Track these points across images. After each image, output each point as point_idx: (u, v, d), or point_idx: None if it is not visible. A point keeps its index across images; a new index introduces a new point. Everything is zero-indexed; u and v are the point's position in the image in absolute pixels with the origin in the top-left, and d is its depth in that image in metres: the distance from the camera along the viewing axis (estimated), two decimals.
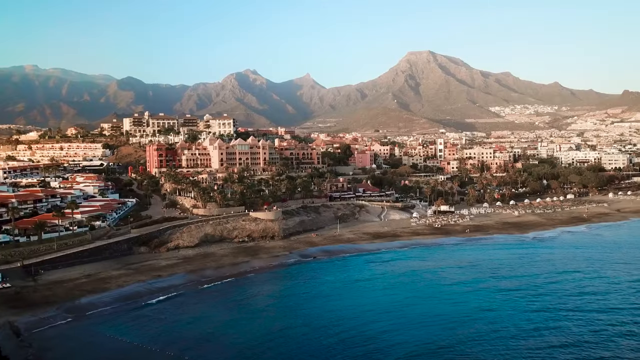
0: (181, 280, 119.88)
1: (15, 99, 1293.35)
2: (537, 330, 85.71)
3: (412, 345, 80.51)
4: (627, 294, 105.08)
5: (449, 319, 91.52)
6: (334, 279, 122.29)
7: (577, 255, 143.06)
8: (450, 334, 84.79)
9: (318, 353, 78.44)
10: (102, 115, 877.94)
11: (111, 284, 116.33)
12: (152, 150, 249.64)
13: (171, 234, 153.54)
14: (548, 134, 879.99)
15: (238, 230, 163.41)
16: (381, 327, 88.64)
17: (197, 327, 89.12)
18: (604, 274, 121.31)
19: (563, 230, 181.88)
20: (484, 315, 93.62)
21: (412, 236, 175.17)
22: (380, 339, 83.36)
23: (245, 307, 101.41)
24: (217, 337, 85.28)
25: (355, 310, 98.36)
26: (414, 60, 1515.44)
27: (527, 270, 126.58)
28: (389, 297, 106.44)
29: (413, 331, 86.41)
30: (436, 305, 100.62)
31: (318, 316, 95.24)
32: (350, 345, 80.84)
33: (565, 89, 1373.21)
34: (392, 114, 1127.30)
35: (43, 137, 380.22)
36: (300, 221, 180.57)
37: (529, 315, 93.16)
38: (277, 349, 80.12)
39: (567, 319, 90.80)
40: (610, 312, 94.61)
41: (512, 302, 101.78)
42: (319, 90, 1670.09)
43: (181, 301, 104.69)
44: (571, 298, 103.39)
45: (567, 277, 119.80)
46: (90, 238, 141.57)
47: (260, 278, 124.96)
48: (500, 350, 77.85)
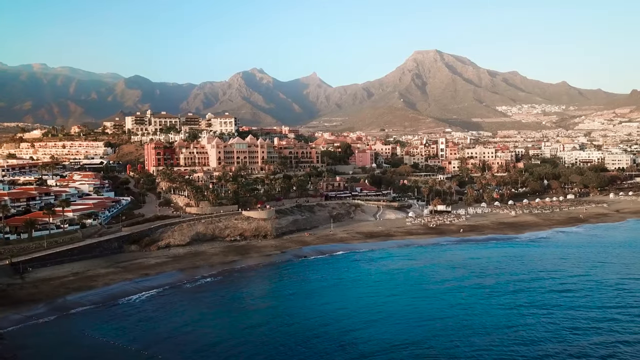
0: (168, 279, 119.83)
1: (23, 97, 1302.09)
2: (508, 327, 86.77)
3: (381, 341, 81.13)
4: (609, 294, 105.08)
5: (423, 317, 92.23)
6: (320, 278, 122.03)
7: (568, 255, 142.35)
8: (422, 330, 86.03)
9: (291, 350, 78.44)
10: (110, 113, 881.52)
11: (98, 282, 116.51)
12: (150, 149, 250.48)
13: (162, 232, 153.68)
14: (555, 133, 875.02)
15: (230, 229, 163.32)
16: (354, 324, 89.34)
17: (176, 326, 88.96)
18: (590, 274, 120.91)
19: (558, 231, 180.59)
20: (458, 313, 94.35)
21: (406, 236, 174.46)
22: (352, 336, 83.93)
23: (227, 307, 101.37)
24: (194, 336, 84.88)
25: (334, 308, 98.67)
26: (421, 59, 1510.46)
27: (514, 270, 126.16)
28: (370, 296, 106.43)
29: (386, 328, 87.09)
30: (415, 303, 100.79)
31: (296, 315, 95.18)
32: (322, 341, 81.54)
33: (573, 89, 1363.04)
34: (398, 113, 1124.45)
35: (46, 135, 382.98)
36: (294, 220, 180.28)
37: (502, 312, 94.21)
38: (251, 347, 79.95)
39: (538, 316, 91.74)
40: (585, 309, 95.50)
41: (490, 299, 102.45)
42: (325, 89, 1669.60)
43: (165, 300, 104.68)
44: (549, 296, 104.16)
45: (552, 276, 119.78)
46: (80, 236, 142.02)
47: (247, 277, 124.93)
48: (466, 345, 79.04)
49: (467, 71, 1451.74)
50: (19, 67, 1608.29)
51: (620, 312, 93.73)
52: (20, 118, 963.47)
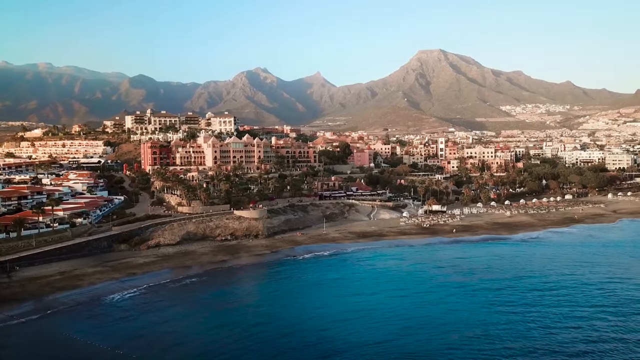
0: (154, 279, 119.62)
1: (28, 96, 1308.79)
2: (483, 325, 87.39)
3: (351, 339, 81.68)
4: (590, 294, 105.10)
5: (400, 315, 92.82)
6: (305, 278, 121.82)
7: (557, 255, 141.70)
8: (395, 328, 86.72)
9: (265, 349, 78.85)
10: (114, 112, 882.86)
11: (84, 281, 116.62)
12: (146, 148, 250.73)
13: (153, 231, 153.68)
14: (559, 133, 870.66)
15: (221, 228, 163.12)
16: (328, 323, 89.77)
17: (152, 325, 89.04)
18: (576, 274, 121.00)
19: (552, 231, 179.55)
20: (435, 311, 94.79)
21: (398, 236, 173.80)
22: (323, 334, 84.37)
23: (207, 306, 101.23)
24: (168, 335, 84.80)
25: (312, 307, 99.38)
26: (425, 59, 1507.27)
27: (500, 270, 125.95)
28: (351, 295, 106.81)
29: (359, 327, 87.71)
30: (394, 302, 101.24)
31: (274, 314, 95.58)
32: (291, 340, 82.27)
33: (577, 88, 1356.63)
34: (402, 112, 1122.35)
35: (46, 134, 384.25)
36: (286, 220, 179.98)
37: (480, 311, 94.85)
38: (222, 345, 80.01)
39: (515, 315, 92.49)
40: (564, 309, 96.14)
41: (470, 298, 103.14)
42: (329, 88, 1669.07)
43: (146, 299, 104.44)
44: (529, 295, 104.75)
45: (536, 276, 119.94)
46: (70, 235, 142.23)
47: (232, 277, 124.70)
48: (439, 343, 79.78)
49: (471, 71, 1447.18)
50: (24, 67, 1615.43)
51: (597, 312, 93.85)
52: (25, 117, 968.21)
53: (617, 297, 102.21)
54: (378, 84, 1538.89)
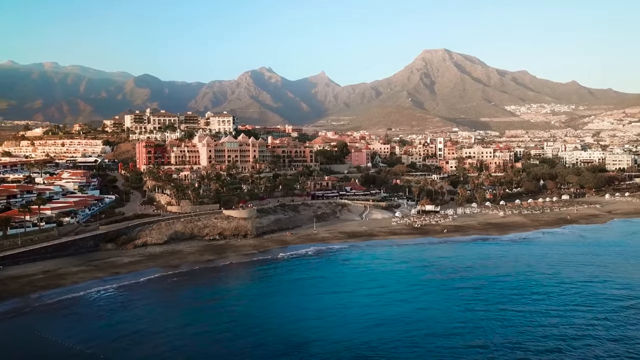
0: (137, 278, 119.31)
1: (34, 95, 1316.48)
2: (450, 322, 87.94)
3: (323, 339, 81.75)
4: (571, 294, 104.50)
5: (374, 315, 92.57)
6: (288, 277, 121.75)
7: (545, 255, 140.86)
8: (367, 327, 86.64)
9: (232, 347, 79.01)
10: (119, 112, 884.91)
11: (66, 281, 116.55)
12: (141, 147, 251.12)
13: (140, 230, 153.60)
14: (563, 133, 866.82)
15: (209, 228, 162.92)
16: (299, 322, 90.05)
17: (127, 325, 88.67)
18: (559, 273, 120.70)
19: (543, 232, 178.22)
20: (410, 311, 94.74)
21: (388, 236, 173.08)
22: (295, 334, 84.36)
23: (185, 305, 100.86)
24: (142, 334, 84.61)
25: (290, 307, 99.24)
26: (430, 59, 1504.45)
27: (484, 269, 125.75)
28: (329, 294, 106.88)
29: (331, 325, 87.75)
30: (371, 301, 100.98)
31: (249, 313, 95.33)
32: (260, 339, 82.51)
33: (583, 88, 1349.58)
34: (405, 112, 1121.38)
35: (47, 133, 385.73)
36: (276, 220, 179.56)
37: (456, 311, 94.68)
38: (194, 346, 79.72)
39: (486, 312, 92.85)
40: (537, 306, 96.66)
41: (447, 297, 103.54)
42: (333, 88, 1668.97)
43: (126, 299, 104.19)
44: (506, 294, 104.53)
45: (520, 276, 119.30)
46: (56, 234, 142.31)
47: (215, 276, 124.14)
48: (406, 342, 79.87)
49: (476, 70, 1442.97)
50: (30, 66, 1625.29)
51: (570, 311, 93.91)
52: (30, 116, 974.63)
53: (595, 297, 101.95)
54: (382, 84, 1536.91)
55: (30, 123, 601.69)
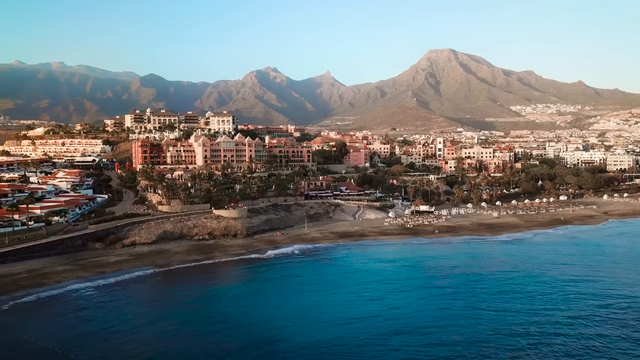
0: (121, 278, 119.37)
1: (40, 95, 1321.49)
2: (429, 325, 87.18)
3: (296, 340, 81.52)
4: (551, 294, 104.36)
5: (349, 316, 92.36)
6: (270, 277, 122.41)
7: (533, 256, 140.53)
8: (341, 328, 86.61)
9: (204, 348, 79.03)
10: (124, 112, 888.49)
11: (50, 280, 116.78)
12: (137, 147, 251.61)
13: (129, 230, 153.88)
14: (568, 133, 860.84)
15: (199, 227, 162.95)
16: (277, 322, 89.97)
17: (103, 324, 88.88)
18: (545, 274, 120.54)
19: (536, 233, 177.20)
20: (386, 312, 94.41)
21: (379, 236, 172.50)
22: (268, 334, 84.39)
23: (164, 305, 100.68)
24: (116, 334, 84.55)
25: (267, 306, 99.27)
26: (435, 59, 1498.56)
27: (469, 270, 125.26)
28: (309, 294, 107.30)
29: (303, 326, 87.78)
30: (347, 302, 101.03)
31: (225, 313, 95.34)
32: (232, 339, 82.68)
33: (589, 88, 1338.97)
34: (410, 112, 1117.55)
35: (48, 133, 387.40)
36: (267, 219, 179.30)
37: (433, 312, 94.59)
38: (166, 346, 79.70)
39: (464, 315, 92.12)
40: (520, 308, 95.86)
41: (425, 297, 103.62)
42: (338, 88, 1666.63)
43: (106, 298, 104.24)
44: (486, 295, 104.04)
45: (503, 276, 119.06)
46: (44, 233, 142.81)
47: (198, 276, 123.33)
48: (376, 344, 79.64)
49: (482, 70, 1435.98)
50: (37, 66, 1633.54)
51: (548, 313, 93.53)
52: (37, 116, 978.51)
53: (574, 297, 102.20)
54: (388, 84, 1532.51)
55: (36, 122, 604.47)
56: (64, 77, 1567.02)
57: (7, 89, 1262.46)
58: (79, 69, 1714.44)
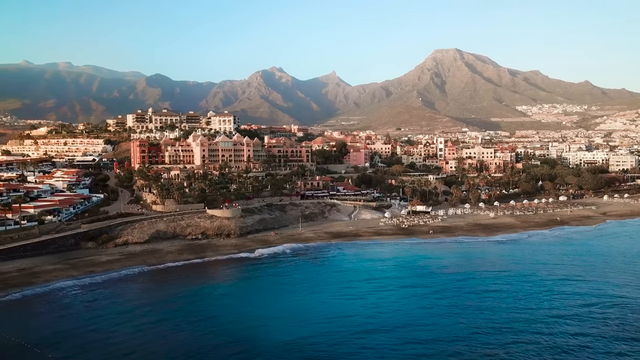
0: (110, 277, 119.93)
1: (47, 95, 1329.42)
2: (404, 327, 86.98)
3: (277, 339, 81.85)
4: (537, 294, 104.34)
5: (327, 315, 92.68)
6: (257, 277, 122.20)
7: (525, 257, 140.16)
8: (317, 327, 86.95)
9: (177, 344, 79.84)
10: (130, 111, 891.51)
11: (39, 279, 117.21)
12: (135, 147, 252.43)
13: (122, 229, 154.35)
14: (574, 134, 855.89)
15: (192, 227, 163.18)
16: (256, 322, 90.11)
17: (84, 323, 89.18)
18: (534, 275, 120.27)
19: (531, 233, 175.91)
20: (365, 311, 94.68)
21: (373, 236, 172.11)
22: (245, 334, 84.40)
23: (148, 305, 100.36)
24: (96, 333, 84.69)
25: (248, 306, 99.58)
26: (440, 58, 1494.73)
27: (458, 270, 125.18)
28: (292, 293, 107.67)
29: (278, 325, 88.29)
30: (328, 302, 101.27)
31: (206, 313, 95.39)
32: (213, 339, 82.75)
33: (596, 88, 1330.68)
34: (415, 112, 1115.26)
35: (50, 132, 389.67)
36: (261, 219, 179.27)
37: (414, 312, 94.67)
38: (142, 346, 79.78)
39: (446, 316, 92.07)
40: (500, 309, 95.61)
41: (407, 298, 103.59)
42: (344, 87, 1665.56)
43: (92, 297, 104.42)
44: (474, 296, 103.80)
45: (491, 276, 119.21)
46: (37, 232, 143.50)
47: (186, 276, 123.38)
48: (352, 344, 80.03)
49: (487, 70, 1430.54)
50: (44, 66, 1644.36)
51: (532, 313, 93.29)
52: (44, 115, 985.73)
53: (560, 296, 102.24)
54: (393, 84, 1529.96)
55: (42, 122, 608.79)
56: (70, 77, 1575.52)
57: (15, 88, 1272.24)
58: (85, 69, 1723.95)
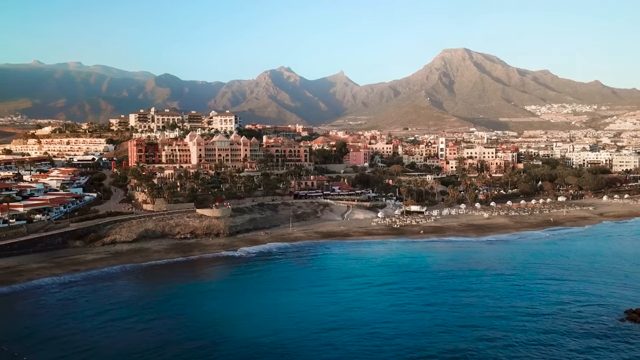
0: (92, 275, 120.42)
1: (57, 94, 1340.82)
2: (372, 323, 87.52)
3: (243, 337, 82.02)
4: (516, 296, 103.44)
5: (298, 314, 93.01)
6: (237, 277, 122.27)
7: (512, 257, 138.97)
8: (285, 325, 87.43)
9: (143, 344, 79.80)
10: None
11: (22, 277, 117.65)
12: (132, 146, 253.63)
13: (110, 228, 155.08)
14: (583, 134, 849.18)
15: (181, 226, 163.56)
16: (223, 322, 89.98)
17: (55, 321, 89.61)
18: (515, 275, 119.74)
19: (523, 234, 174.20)
20: (336, 310, 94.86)
21: (363, 236, 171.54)
22: (211, 333, 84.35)
23: (123, 303, 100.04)
24: (66, 332, 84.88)
25: (220, 305, 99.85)
26: (449, 58, 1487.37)
27: (440, 270, 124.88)
28: (268, 293, 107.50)
29: (246, 323, 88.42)
30: (302, 300, 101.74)
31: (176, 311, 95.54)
32: (175, 337, 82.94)
33: (606, 88, 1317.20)
34: (423, 112, 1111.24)
35: (54, 132, 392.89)
36: (251, 219, 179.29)
37: (385, 309, 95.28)
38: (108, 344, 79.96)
39: (416, 312, 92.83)
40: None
41: (381, 297, 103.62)
42: (352, 87, 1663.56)
43: (70, 296, 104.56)
44: (449, 294, 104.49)
45: (473, 276, 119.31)
46: (25, 231, 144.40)
47: (168, 275, 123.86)
48: (313, 340, 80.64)
49: (496, 70, 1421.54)
50: (55, 66, 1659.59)
51: (505, 311, 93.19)
52: (54, 115, 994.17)
53: (538, 297, 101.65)
54: (401, 83, 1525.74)
55: (52, 122, 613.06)
56: (80, 77, 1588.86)
57: (26, 88, 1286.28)
58: (95, 69, 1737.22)
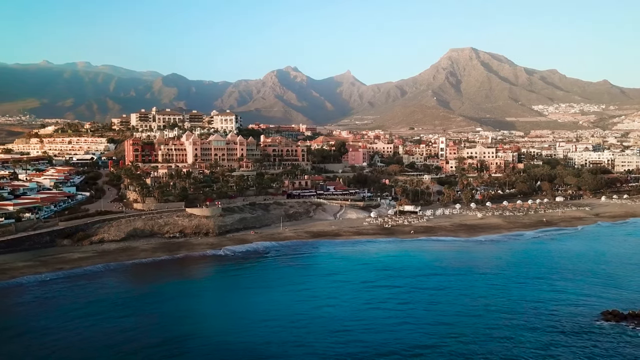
0: (76, 274, 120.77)
1: (65, 94, 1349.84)
2: (342, 320, 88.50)
3: (213, 338, 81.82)
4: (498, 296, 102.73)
5: (274, 314, 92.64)
6: (219, 274, 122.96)
7: (498, 257, 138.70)
8: (259, 324, 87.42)
9: (111, 342, 80.00)
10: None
11: (5, 275, 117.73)
12: (129, 145, 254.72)
13: (99, 227, 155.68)
14: (590, 133, 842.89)
15: (170, 225, 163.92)
16: (196, 321, 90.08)
17: (29, 319, 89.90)
18: (500, 275, 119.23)
19: (514, 234, 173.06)
20: (305, 308, 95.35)
21: (353, 236, 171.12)
22: (181, 332, 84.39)
23: (98, 302, 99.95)
24: (36, 329, 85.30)
25: (196, 305, 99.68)
26: (456, 57, 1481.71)
27: (425, 269, 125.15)
28: (246, 292, 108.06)
29: (228, 326, 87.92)
30: (281, 299, 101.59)
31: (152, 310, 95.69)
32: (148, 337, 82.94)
33: (614, 87, 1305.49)
34: (429, 111, 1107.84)
35: (57, 131, 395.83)
36: (241, 218, 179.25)
37: (357, 307, 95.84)
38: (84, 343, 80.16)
39: (389, 310, 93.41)
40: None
41: (360, 294, 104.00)
42: (358, 87, 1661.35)
43: (50, 294, 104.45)
44: (426, 292, 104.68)
45: (453, 275, 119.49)
46: (13, 229, 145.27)
47: (150, 274, 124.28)
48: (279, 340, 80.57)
49: (503, 69, 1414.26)
50: (63, 66, 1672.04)
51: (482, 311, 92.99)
52: (62, 114, 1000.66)
53: (516, 297, 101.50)
54: (408, 83, 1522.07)
55: (60, 121, 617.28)
56: (88, 77, 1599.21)
57: (34, 88, 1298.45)
58: (103, 69, 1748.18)
